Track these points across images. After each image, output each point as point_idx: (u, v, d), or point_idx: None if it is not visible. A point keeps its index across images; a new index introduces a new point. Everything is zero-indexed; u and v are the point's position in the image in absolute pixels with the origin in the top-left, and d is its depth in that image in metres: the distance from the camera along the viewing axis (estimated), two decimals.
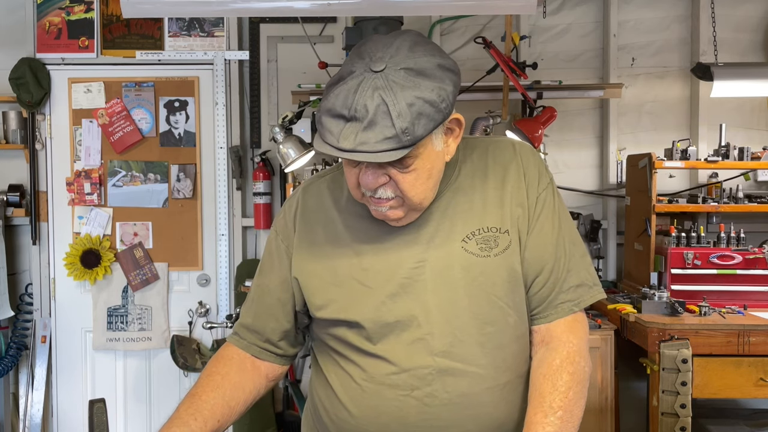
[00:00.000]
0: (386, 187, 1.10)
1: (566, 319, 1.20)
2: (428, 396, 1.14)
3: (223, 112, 3.21)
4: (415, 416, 1.14)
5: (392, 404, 1.15)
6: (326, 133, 1.06)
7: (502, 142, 1.27)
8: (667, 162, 2.80)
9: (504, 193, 1.20)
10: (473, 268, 1.16)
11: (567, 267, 1.21)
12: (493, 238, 1.18)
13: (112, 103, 3.22)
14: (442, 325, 1.15)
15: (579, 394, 1.14)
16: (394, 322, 1.15)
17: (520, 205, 1.20)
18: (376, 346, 1.16)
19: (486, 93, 3.01)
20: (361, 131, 1.03)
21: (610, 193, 3.23)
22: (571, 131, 3.26)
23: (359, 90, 1.04)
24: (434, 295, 1.15)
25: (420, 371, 1.14)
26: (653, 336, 2.39)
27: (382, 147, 1.03)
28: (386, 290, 1.16)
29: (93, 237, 3.23)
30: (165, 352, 3.22)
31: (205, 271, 3.29)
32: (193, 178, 3.24)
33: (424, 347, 1.14)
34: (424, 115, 1.05)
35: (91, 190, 3.22)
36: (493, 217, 1.19)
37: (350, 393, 1.18)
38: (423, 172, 1.11)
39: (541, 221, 1.21)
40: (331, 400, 1.22)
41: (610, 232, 3.24)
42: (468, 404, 1.15)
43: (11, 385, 3.30)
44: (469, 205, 1.19)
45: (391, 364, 1.15)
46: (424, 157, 1.10)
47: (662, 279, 2.73)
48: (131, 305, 3.26)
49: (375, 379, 1.16)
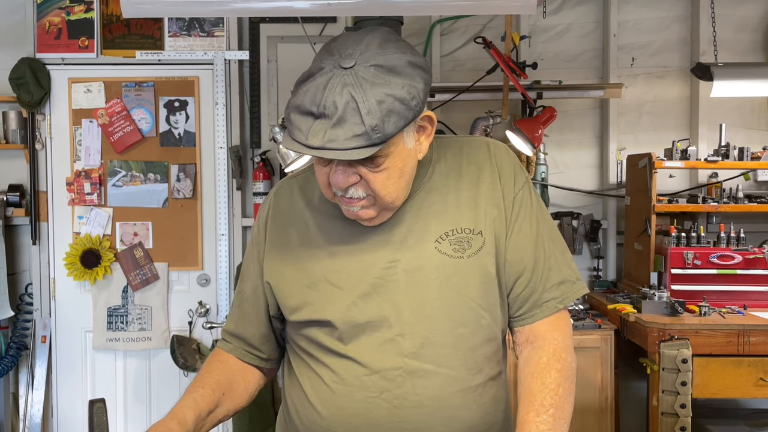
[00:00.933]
0: (357, 187, 1.08)
1: (550, 317, 1.20)
2: (398, 398, 1.12)
3: (223, 112, 3.21)
4: (385, 418, 1.12)
5: (362, 406, 1.13)
6: (295, 130, 1.05)
7: (477, 141, 1.26)
8: (667, 162, 2.80)
9: (478, 194, 1.19)
10: (446, 269, 1.15)
11: (548, 265, 1.20)
12: (467, 239, 1.16)
13: (112, 103, 3.22)
14: (413, 326, 1.13)
15: (568, 390, 1.14)
16: (365, 322, 1.13)
17: (496, 206, 1.19)
18: (347, 346, 1.14)
19: (486, 93, 3.01)
20: (330, 128, 1.01)
21: (610, 193, 3.23)
22: (571, 131, 3.26)
23: (328, 86, 1.02)
24: (406, 295, 1.14)
25: (390, 373, 1.12)
26: (653, 336, 2.39)
27: (352, 144, 1.01)
28: (358, 290, 1.14)
29: (93, 237, 3.23)
30: (165, 352, 3.22)
31: (205, 271, 3.29)
32: (193, 178, 3.24)
33: (394, 348, 1.13)
34: (394, 112, 1.03)
35: (91, 190, 3.22)
36: (467, 217, 1.18)
37: (320, 394, 1.17)
38: (394, 171, 1.09)
39: (520, 222, 1.20)
40: (302, 401, 1.21)
41: (610, 232, 3.24)
42: (439, 406, 1.13)
43: (11, 385, 3.30)
44: (443, 206, 1.18)
45: (362, 366, 1.13)
46: (395, 155, 1.09)
47: (662, 279, 2.73)
48: (131, 305, 3.26)
49: (345, 380, 1.14)
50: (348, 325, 1.14)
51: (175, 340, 3.18)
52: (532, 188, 1.24)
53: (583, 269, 3.28)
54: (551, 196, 3.21)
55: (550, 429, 1.08)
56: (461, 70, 3.26)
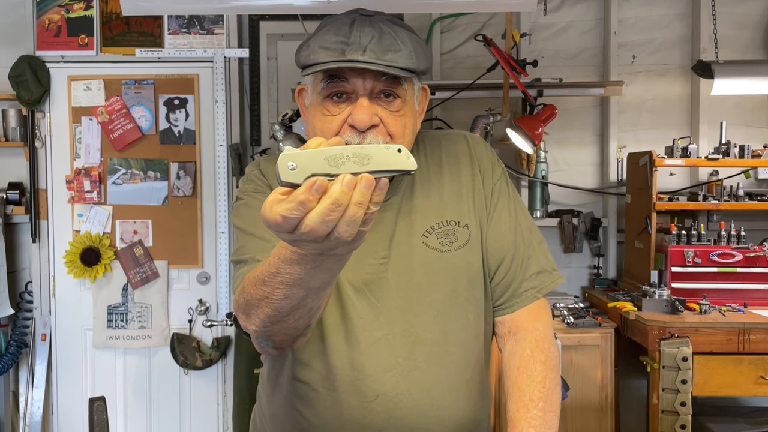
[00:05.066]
0: (377, 133, 1.06)
1: (530, 307, 1.20)
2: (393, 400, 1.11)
3: (223, 110, 3.21)
4: (381, 423, 1.11)
5: (357, 412, 1.11)
6: (321, 55, 1.05)
7: (454, 134, 1.27)
8: (667, 160, 2.79)
9: (460, 186, 1.20)
10: (434, 264, 1.15)
11: (527, 254, 1.21)
12: (453, 232, 1.17)
13: (112, 101, 3.22)
14: (404, 325, 1.13)
15: (554, 381, 1.14)
16: (356, 320, 1.12)
17: (477, 197, 1.20)
18: (338, 347, 1.12)
19: (486, 91, 3.01)
20: (369, 48, 1.04)
21: (610, 191, 3.23)
22: (572, 129, 3.26)
23: (355, 24, 1.05)
24: (396, 293, 1.13)
25: (384, 375, 1.11)
26: (653, 334, 2.39)
27: (393, 63, 1.04)
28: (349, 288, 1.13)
29: (93, 235, 3.23)
30: (165, 350, 3.23)
31: (205, 269, 3.29)
32: (193, 175, 3.24)
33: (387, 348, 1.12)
34: (421, 50, 1.09)
35: (91, 188, 3.22)
36: (452, 210, 1.18)
37: (308, 401, 1.14)
38: (409, 122, 1.10)
39: (498, 211, 1.21)
40: (284, 408, 1.17)
41: (610, 230, 3.24)
42: (432, 405, 1.13)
43: (11, 383, 3.30)
44: (427, 200, 1.18)
45: (354, 368, 1.11)
46: (408, 107, 1.10)
47: (662, 277, 2.73)
48: (131, 303, 3.26)
49: (338, 385, 1.11)
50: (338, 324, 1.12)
51: (175, 338, 3.18)
52: (509, 179, 1.26)
53: (583, 267, 3.28)
54: (552, 193, 3.21)
55: (541, 424, 1.09)
56: (461, 67, 3.26)
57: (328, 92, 1.07)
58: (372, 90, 1.06)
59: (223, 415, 3.29)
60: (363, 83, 1.05)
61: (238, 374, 3.10)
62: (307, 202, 0.70)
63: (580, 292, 3.25)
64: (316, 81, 1.09)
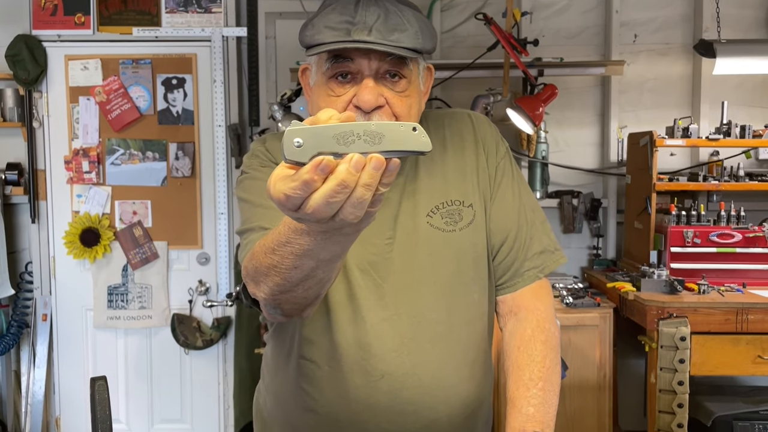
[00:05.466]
0: (381, 113, 1.06)
1: (531, 286, 1.20)
2: (399, 380, 1.11)
3: (222, 90, 3.19)
4: (386, 402, 1.11)
5: (363, 391, 1.11)
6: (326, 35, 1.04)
7: (458, 113, 1.26)
8: (668, 140, 2.78)
9: (464, 165, 1.20)
10: (439, 244, 1.15)
11: (529, 234, 1.21)
12: (458, 212, 1.17)
13: (109, 81, 3.20)
14: (409, 305, 1.13)
15: (554, 361, 1.15)
16: (362, 301, 1.12)
17: (481, 176, 1.20)
18: (344, 327, 1.12)
19: (486, 70, 2.98)
20: (374, 27, 1.03)
21: (610, 171, 3.22)
22: (572, 109, 3.25)
23: (360, 3, 1.04)
24: (401, 274, 1.13)
25: (390, 354, 1.11)
26: (652, 314, 2.40)
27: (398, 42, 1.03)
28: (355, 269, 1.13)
29: (92, 215, 3.23)
30: (166, 330, 3.24)
31: (205, 250, 3.30)
32: (191, 156, 3.23)
33: (392, 328, 1.12)
34: (427, 30, 1.08)
35: (90, 168, 3.21)
36: (456, 189, 1.18)
37: (315, 380, 1.14)
38: (414, 103, 1.10)
39: (502, 190, 1.21)
40: (290, 387, 1.18)
41: (610, 211, 3.24)
42: (438, 385, 1.13)
43: (13, 362, 3.32)
44: (430, 179, 1.18)
45: (360, 348, 1.11)
46: (413, 87, 1.09)
47: (662, 257, 2.73)
48: (131, 284, 3.27)
49: (344, 365, 1.12)
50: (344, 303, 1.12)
51: (176, 319, 3.20)
52: (513, 158, 1.26)
53: (582, 248, 3.29)
54: (552, 174, 3.21)
55: (541, 403, 1.09)
56: (462, 47, 3.23)
57: (333, 72, 1.06)
58: (377, 70, 1.05)
59: (224, 395, 3.32)
60: (368, 63, 1.04)
61: (238, 354, 3.11)
62: (312, 183, 0.67)
63: (579, 272, 3.26)
64: (321, 61, 1.08)
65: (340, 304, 1.13)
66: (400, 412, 1.12)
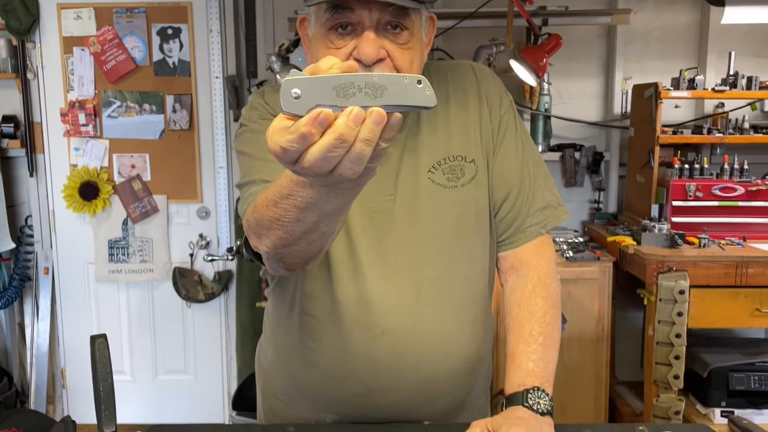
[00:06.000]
0: (383, 66, 1.03)
1: (533, 242, 1.20)
2: (399, 336, 1.12)
3: (218, 40, 3.13)
4: (387, 358, 1.12)
5: (363, 346, 1.12)
6: None
7: (461, 65, 1.23)
8: (673, 92, 2.74)
9: (467, 119, 1.17)
10: (441, 200, 1.14)
11: (533, 189, 1.20)
12: (460, 167, 1.15)
13: (104, 31, 3.13)
14: (410, 261, 1.13)
15: (555, 317, 1.15)
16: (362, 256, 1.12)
17: (484, 130, 1.18)
18: (344, 282, 1.12)
19: (489, 20, 2.92)
20: None
21: (613, 124, 3.18)
22: (577, 60, 3.18)
23: None
24: (402, 230, 1.13)
25: (390, 310, 1.11)
26: (652, 268, 2.41)
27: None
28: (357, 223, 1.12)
29: (90, 169, 3.21)
30: (167, 284, 3.26)
31: (205, 204, 3.29)
32: (189, 109, 3.19)
33: (393, 285, 1.12)
34: None
35: (86, 121, 3.17)
36: (459, 145, 1.16)
37: (316, 335, 1.15)
38: (416, 55, 1.07)
39: (505, 144, 1.19)
40: (292, 342, 1.18)
41: (612, 164, 3.21)
42: (438, 341, 1.14)
43: (17, 315, 3.35)
44: (433, 134, 1.16)
45: (361, 304, 1.11)
46: (416, 39, 1.07)
47: (663, 211, 2.72)
48: (132, 237, 3.27)
49: (344, 320, 1.12)
50: (345, 259, 1.12)
51: (177, 272, 3.21)
52: (517, 112, 1.23)
53: (584, 201, 3.28)
54: (554, 127, 3.17)
55: (541, 358, 1.10)
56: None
57: (333, 24, 1.03)
58: (378, 21, 1.02)
59: (227, 347, 3.36)
60: (369, 14, 1.01)
61: (240, 307, 3.14)
62: (309, 136, 0.65)
63: (580, 226, 3.26)
64: (320, 11, 1.05)
65: (340, 260, 1.12)
66: (401, 368, 1.13)
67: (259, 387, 1.33)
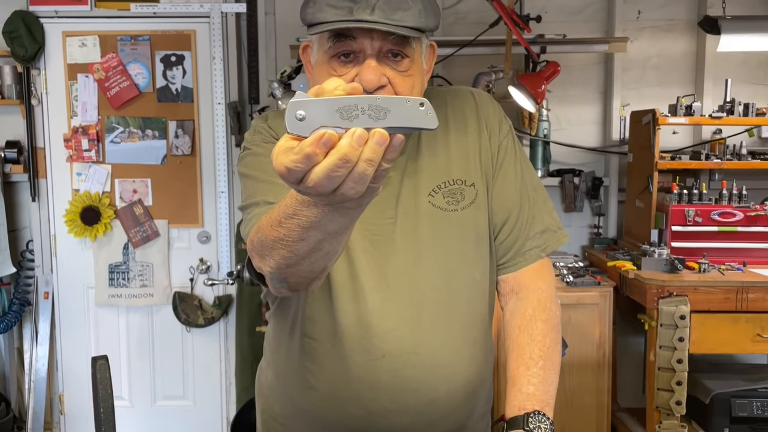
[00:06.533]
0: (384, 92, 1.05)
1: (533, 265, 1.21)
2: (400, 359, 1.12)
3: (221, 67, 3.17)
4: (387, 381, 1.12)
5: (363, 369, 1.12)
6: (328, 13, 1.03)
7: (460, 90, 1.25)
8: (670, 118, 2.77)
9: (467, 143, 1.19)
10: (441, 223, 1.15)
11: (532, 213, 1.21)
12: (460, 191, 1.17)
13: (108, 58, 3.17)
14: (410, 284, 1.13)
15: (555, 340, 1.15)
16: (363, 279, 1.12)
17: (484, 155, 1.19)
18: (345, 305, 1.12)
19: (488, 47, 2.95)
20: (377, 6, 1.01)
21: (612, 149, 3.21)
22: (575, 86, 3.22)
23: None
24: (403, 253, 1.13)
25: (391, 334, 1.12)
26: (652, 293, 2.41)
27: (402, 23, 1.02)
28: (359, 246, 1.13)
29: (92, 194, 3.22)
30: (167, 308, 3.26)
31: (206, 228, 3.30)
32: (191, 134, 3.22)
33: (393, 307, 1.12)
34: (431, 8, 1.07)
35: (89, 146, 3.20)
36: (458, 168, 1.18)
37: (317, 357, 1.15)
38: (417, 82, 1.09)
39: (504, 169, 1.20)
40: (293, 365, 1.18)
41: (611, 189, 3.23)
42: (439, 364, 1.14)
43: (16, 340, 3.34)
44: (433, 158, 1.17)
45: (361, 327, 1.12)
46: (416, 66, 1.08)
47: (663, 236, 2.73)
48: (132, 262, 3.28)
49: (345, 343, 1.13)
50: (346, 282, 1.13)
51: (177, 297, 3.21)
52: (515, 137, 1.25)
53: (583, 227, 3.29)
54: (553, 152, 3.19)
55: (541, 381, 1.10)
56: (463, 23, 3.20)
57: (335, 51, 1.05)
58: (380, 49, 1.04)
59: (226, 372, 3.34)
60: (371, 43, 1.03)
61: (240, 332, 3.13)
62: (314, 156, 0.66)
63: (580, 251, 3.27)
64: (323, 39, 1.07)
65: (341, 283, 1.13)
66: (401, 391, 1.13)
67: (259, 410, 1.32)
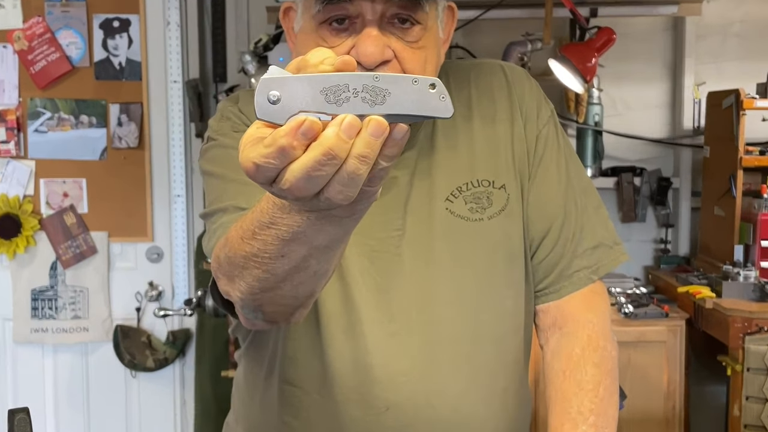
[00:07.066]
0: (388, 70, 1.04)
1: (582, 291, 1.21)
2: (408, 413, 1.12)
3: (177, 35, 3.19)
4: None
5: (361, 426, 1.12)
6: None
7: (487, 65, 1.26)
8: (759, 100, 2.78)
9: (495, 134, 1.19)
10: (461, 236, 1.15)
11: (580, 224, 1.21)
12: (486, 195, 1.17)
13: (32, 23, 3.19)
14: (422, 317, 1.13)
15: (610, 389, 1.16)
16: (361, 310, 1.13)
17: (518, 148, 1.20)
18: (337, 344, 1.13)
19: (522, 9, 2.98)
20: None
21: (683, 141, 3.22)
22: (635, 60, 3.23)
23: None
24: (412, 276, 1.14)
25: (397, 379, 1.12)
26: (736, 327, 2.42)
27: None
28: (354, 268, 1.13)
29: (11, 198, 3.23)
30: (107, 346, 3.26)
31: (157, 243, 3.31)
32: (138, 121, 3.23)
33: (399, 345, 1.13)
34: None
35: (7, 137, 3.21)
36: (485, 166, 1.18)
37: (300, 411, 1.15)
38: (431, 56, 1.09)
39: (544, 166, 1.21)
40: (268, 419, 1.19)
41: (682, 193, 3.24)
42: (459, 420, 1.14)
43: None
44: (452, 153, 1.18)
45: (359, 372, 1.12)
46: (430, 35, 1.09)
47: (749, 253, 2.74)
48: (62, 286, 3.28)
49: (337, 392, 1.13)
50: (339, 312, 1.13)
51: (120, 331, 3.21)
52: (559, 124, 1.25)
53: (647, 241, 3.29)
54: (607, 145, 3.20)
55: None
56: None
57: (326, 17, 1.05)
58: (383, 14, 1.04)
59: (182, 429, 3.34)
60: (372, 5, 1.03)
61: (200, 377, 3.13)
62: (290, 149, 0.64)
63: (642, 273, 3.27)
64: (310, 1, 1.07)
65: (333, 313, 1.13)
66: None
67: None
